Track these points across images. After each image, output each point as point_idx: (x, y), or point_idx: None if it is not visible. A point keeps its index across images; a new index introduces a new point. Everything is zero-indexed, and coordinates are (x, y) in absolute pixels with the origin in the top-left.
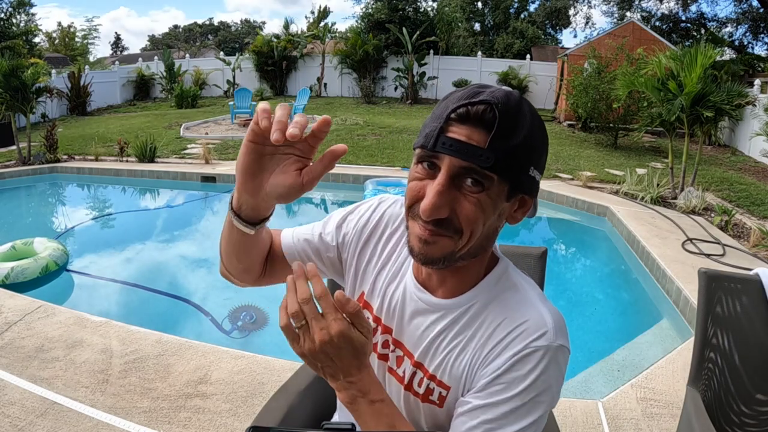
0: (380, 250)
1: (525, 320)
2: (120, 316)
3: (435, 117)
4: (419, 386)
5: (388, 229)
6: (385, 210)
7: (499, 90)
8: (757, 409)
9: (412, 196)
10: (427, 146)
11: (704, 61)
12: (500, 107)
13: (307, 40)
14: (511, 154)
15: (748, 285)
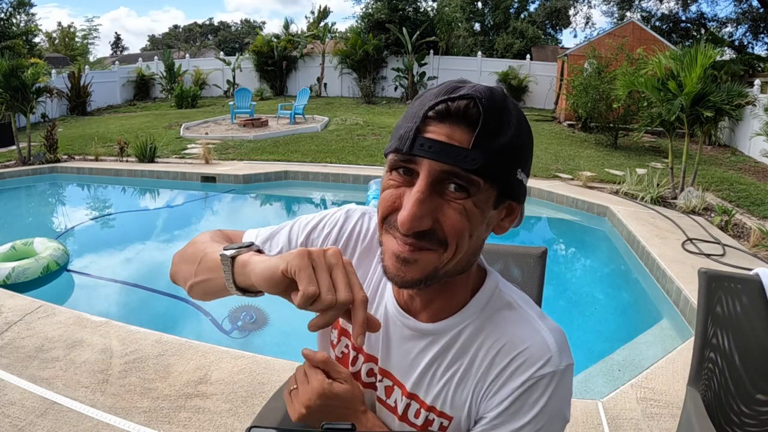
0: (360, 268)
1: (526, 346)
2: (120, 316)
3: (409, 116)
4: (416, 417)
5: (359, 246)
6: (353, 225)
7: (480, 85)
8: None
9: (387, 206)
10: (402, 149)
11: (704, 61)
12: (485, 102)
13: (307, 40)
14: (498, 154)
15: (748, 285)
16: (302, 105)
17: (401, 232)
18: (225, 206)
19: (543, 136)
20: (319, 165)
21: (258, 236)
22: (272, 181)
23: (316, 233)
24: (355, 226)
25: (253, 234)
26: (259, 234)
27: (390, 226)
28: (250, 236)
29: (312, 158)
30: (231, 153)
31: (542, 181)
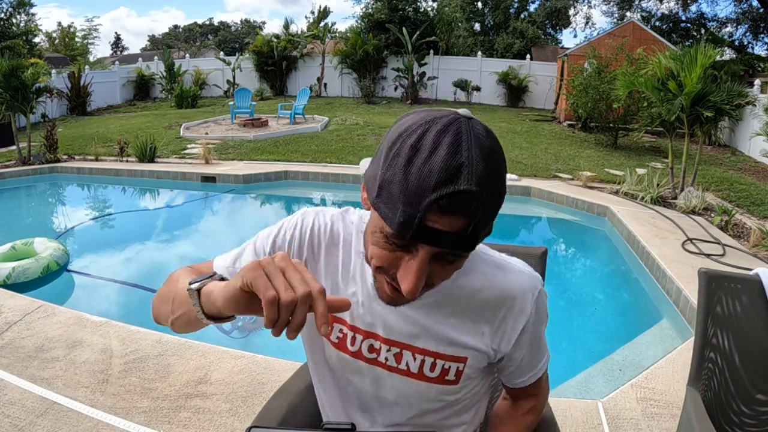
0: (325, 263)
1: (519, 289)
2: (120, 316)
3: (409, 198)
4: (432, 371)
5: (323, 241)
6: (311, 224)
7: (477, 152)
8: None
9: (383, 263)
10: (405, 236)
11: (704, 61)
12: (485, 195)
13: (307, 40)
14: (487, 225)
15: (748, 285)
16: (302, 105)
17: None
18: (225, 206)
19: (543, 136)
20: (319, 165)
21: (226, 260)
22: (272, 181)
23: (279, 240)
24: (314, 225)
25: (221, 259)
26: (227, 258)
27: (386, 274)
28: (219, 262)
29: (312, 158)
30: (231, 153)
31: (542, 181)
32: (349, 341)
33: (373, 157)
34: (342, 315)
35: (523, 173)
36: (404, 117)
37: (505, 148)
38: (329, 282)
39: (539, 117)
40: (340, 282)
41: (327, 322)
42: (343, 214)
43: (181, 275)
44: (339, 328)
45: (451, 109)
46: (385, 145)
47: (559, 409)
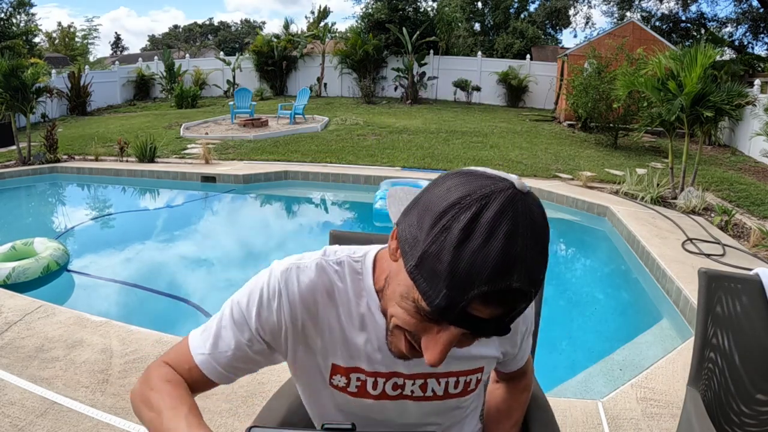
0: (326, 319)
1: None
2: (120, 316)
3: (456, 284)
4: (455, 388)
5: (319, 299)
6: (297, 287)
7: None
8: (757, 409)
9: (407, 327)
10: (442, 318)
11: (704, 61)
12: (534, 291)
13: (307, 40)
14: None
15: (748, 285)
16: (302, 105)
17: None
18: (225, 206)
19: (543, 136)
20: (319, 165)
21: (204, 345)
22: (272, 181)
23: (265, 313)
24: (301, 286)
25: (198, 345)
26: (203, 341)
27: (404, 331)
28: (195, 348)
29: (312, 158)
30: (231, 153)
31: (542, 181)
32: (370, 386)
33: (409, 209)
34: (359, 363)
35: (523, 173)
36: (451, 178)
37: (505, 148)
38: (337, 336)
39: (539, 117)
40: (347, 333)
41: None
42: (325, 260)
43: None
44: (356, 376)
45: (503, 175)
46: (430, 210)
47: (559, 409)
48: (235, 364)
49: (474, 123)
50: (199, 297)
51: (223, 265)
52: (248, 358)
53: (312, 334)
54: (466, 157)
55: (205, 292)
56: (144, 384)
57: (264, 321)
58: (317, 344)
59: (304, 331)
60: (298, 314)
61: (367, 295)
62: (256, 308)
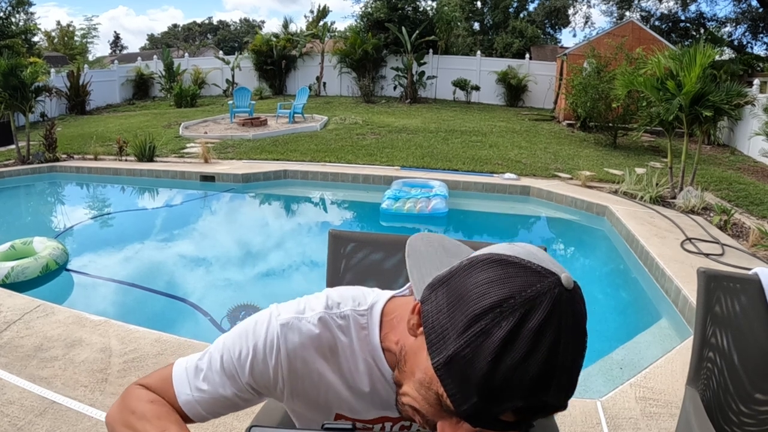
0: (331, 377)
1: None
2: (119, 315)
3: (488, 395)
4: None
5: (321, 359)
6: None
7: (572, 362)
8: (755, 408)
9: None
10: (472, 424)
11: (703, 61)
12: (566, 406)
13: (307, 39)
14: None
15: (747, 284)
16: (301, 104)
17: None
18: (224, 205)
19: (542, 135)
20: (318, 164)
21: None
22: (271, 180)
23: (259, 369)
24: (304, 343)
25: (182, 375)
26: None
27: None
28: (179, 378)
29: (311, 157)
30: (230, 152)
31: (541, 181)
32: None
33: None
34: (365, 415)
35: (523, 173)
36: (491, 268)
37: (504, 148)
38: (340, 391)
39: (538, 116)
40: (352, 389)
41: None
42: (328, 314)
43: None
44: (362, 425)
45: (550, 267)
46: (464, 303)
47: None
48: (218, 410)
49: (473, 122)
50: (198, 296)
51: (221, 265)
52: (234, 405)
53: (312, 389)
54: (465, 157)
55: (204, 292)
56: (123, 408)
57: (257, 375)
58: (319, 398)
59: (303, 386)
60: (298, 371)
61: (373, 350)
62: (250, 362)
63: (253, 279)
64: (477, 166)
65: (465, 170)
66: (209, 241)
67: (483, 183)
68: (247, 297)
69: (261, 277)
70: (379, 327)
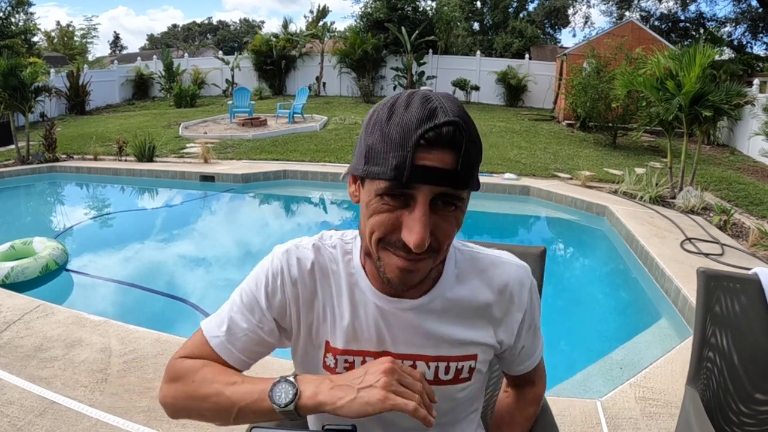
0: (322, 296)
1: (511, 280)
2: (119, 315)
3: (396, 144)
4: (446, 374)
5: (316, 281)
6: (296, 264)
7: (446, 100)
8: (755, 408)
9: (387, 229)
10: (400, 179)
11: (703, 61)
12: (462, 124)
13: (306, 39)
14: (475, 166)
15: (747, 284)
16: (301, 104)
17: (408, 251)
18: (224, 205)
19: (542, 135)
20: (317, 164)
21: (217, 328)
22: (271, 181)
23: (270, 289)
24: (300, 263)
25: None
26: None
27: (389, 245)
28: (208, 330)
29: (311, 157)
30: (230, 152)
31: (541, 181)
32: (359, 366)
33: (352, 156)
34: (350, 344)
35: (522, 172)
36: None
37: (503, 148)
38: (330, 315)
39: (538, 116)
40: (340, 313)
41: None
42: (321, 243)
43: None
44: (344, 358)
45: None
46: (363, 129)
47: (557, 409)
48: (249, 347)
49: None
50: (198, 296)
51: (221, 265)
52: (261, 340)
53: (309, 311)
54: None
55: (203, 292)
56: (178, 382)
57: (271, 298)
58: (313, 322)
59: (304, 308)
60: (299, 291)
61: (357, 273)
62: (263, 288)
63: None
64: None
65: None
66: (209, 241)
67: (483, 183)
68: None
69: None
70: (359, 250)
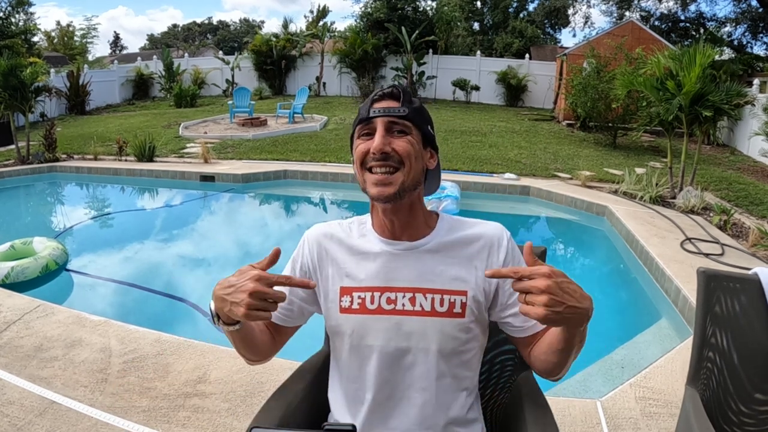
0: (337, 255)
1: (491, 234)
2: (119, 315)
3: (363, 106)
4: (441, 306)
5: (330, 241)
6: (314, 236)
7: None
8: (755, 408)
9: (362, 152)
10: (365, 117)
11: (703, 61)
12: (401, 87)
13: (306, 39)
14: (414, 109)
15: (747, 284)
16: (301, 104)
17: (373, 156)
18: (224, 205)
19: (542, 135)
20: (318, 164)
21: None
22: (271, 180)
23: (299, 254)
24: (316, 236)
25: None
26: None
27: (366, 166)
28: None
29: (311, 157)
30: (230, 152)
31: (541, 181)
32: (368, 301)
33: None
34: (360, 282)
35: (522, 172)
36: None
37: (503, 148)
38: (342, 264)
39: (538, 116)
40: (352, 261)
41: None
42: (340, 221)
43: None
44: (357, 295)
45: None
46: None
47: (557, 409)
48: (290, 302)
49: (473, 122)
50: (198, 296)
51: (221, 265)
52: (298, 298)
53: (326, 265)
54: (465, 156)
55: (203, 292)
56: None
57: (300, 260)
58: (329, 273)
59: (321, 263)
60: (315, 250)
61: (368, 231)
62: (295, 254)
63: None
64: (477, 166)
65: (465, 170)
66: (209, 242)
67: (483, 183)
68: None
69: None
70: (370, 218)
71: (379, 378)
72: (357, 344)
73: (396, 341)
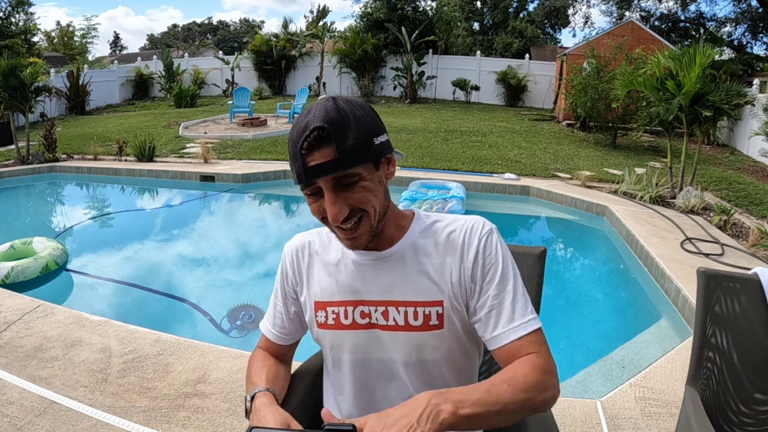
0: (311, 267)
1: (464, 227)
2: (119, 315)
3: (293, 158)
4: (415, 319)
5: (305, 254)
6: (288, 252)
7: (317, 109)
8: (755, 408)
9: (318, 213)
10: (303, 181)
11: (703, 61)
12: (326, 125)
13: (306, 39)
14: (354, 146)
15: (747, 284)
16: (301, 104)
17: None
18: (224, 205)
19: (542, 135)
20: None
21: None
22: (271, 180)
23: (282, 269)
24: (291, 251)
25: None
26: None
27: (329, 224)
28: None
29: None
30: (230, 152)
31: (541, 181)
32: (342, 317)
33: None
34: (332, 296)
35: (522, 173)
36: None
37: (503, 148)
38: (316, 277)
39: (538, 116)
40: (324, 273)
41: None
42: (318, 230)
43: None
44: (331, 309)
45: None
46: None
47: (557, 409)
48: (281, 323)
49: (473, 122)
50: (198, 296)
51: (221, 265)
52: (289, 316)
53: (303, 279)
54: (465, 156)
55: (203, 292)
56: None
57: (285, 277)
58: (306, 287)
59: (300, 277)
60: (295, 263)
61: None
62: (279, 269)
63: (253, 279)
64: (477, 166)
65: (465, 170)
66: (209, 242)
67: (483, 183)
68: (247, 297)
69: (261, 277)
70: None
71: (360, 392)
72: (337, 358)
73: (374, 354)
